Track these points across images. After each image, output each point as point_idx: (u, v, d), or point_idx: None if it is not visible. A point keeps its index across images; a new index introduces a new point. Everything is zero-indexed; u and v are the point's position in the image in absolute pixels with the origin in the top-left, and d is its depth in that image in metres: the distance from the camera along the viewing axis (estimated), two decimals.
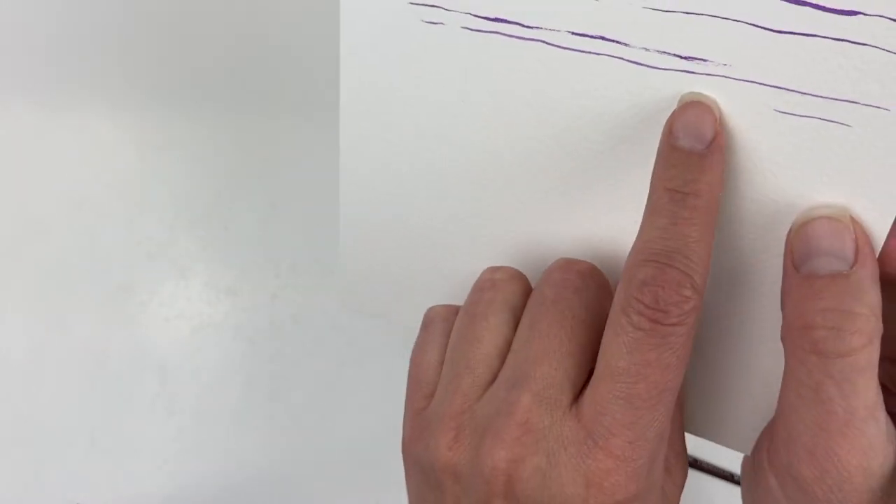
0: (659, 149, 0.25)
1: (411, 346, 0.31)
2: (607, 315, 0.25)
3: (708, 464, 0.50)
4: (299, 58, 0.52)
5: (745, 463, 0.31)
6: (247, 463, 0.49)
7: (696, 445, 0.51)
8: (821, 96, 0.24)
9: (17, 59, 0.51)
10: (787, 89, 0.24)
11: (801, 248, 0.24)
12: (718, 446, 0.49)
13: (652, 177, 0.25)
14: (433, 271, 0.34)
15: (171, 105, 0.54)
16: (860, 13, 0.22)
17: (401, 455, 0.38)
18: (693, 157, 0.24)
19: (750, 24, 0.24)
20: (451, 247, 0.33)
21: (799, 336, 0.23)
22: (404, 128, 0.31)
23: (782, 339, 0.24)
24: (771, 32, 0.24)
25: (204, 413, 0.49)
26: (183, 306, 0.52)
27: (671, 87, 0.26)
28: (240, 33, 0.51)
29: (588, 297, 0.27)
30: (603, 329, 0.25)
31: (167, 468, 0.46)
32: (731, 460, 0.50)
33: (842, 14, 0.23)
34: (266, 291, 0.50)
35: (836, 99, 0.24)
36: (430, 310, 0.32)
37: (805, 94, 0.24)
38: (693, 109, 0.24)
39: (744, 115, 0.25)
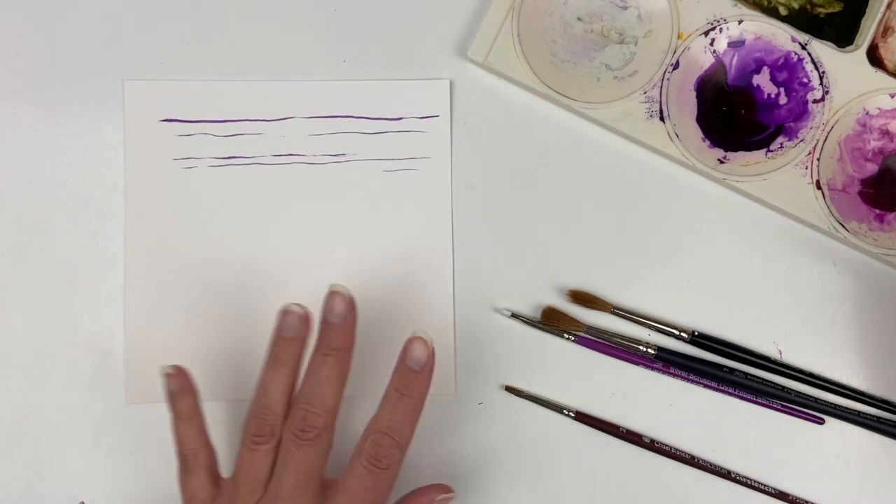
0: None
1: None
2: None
3: (708, 463, 0.50)
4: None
5: None
6: None
7: (696, 444, 0.51)
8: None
9: (18, 60, 0.51)
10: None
11: None
12: (717, 446, 0.49)
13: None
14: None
15: None
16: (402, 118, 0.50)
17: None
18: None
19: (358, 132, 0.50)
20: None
21: None
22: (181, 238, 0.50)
23: None
24: (368, 135, 0.50)
25: (206, 410, 0.50)
26: None
27: (331, 172, 0.50)
28: (241, 34, 0.51)
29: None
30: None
31: (171, 465, 0.46)
32: (730, 460, 0.50)
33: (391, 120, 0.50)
34: None
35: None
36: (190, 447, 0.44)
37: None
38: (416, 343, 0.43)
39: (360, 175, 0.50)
